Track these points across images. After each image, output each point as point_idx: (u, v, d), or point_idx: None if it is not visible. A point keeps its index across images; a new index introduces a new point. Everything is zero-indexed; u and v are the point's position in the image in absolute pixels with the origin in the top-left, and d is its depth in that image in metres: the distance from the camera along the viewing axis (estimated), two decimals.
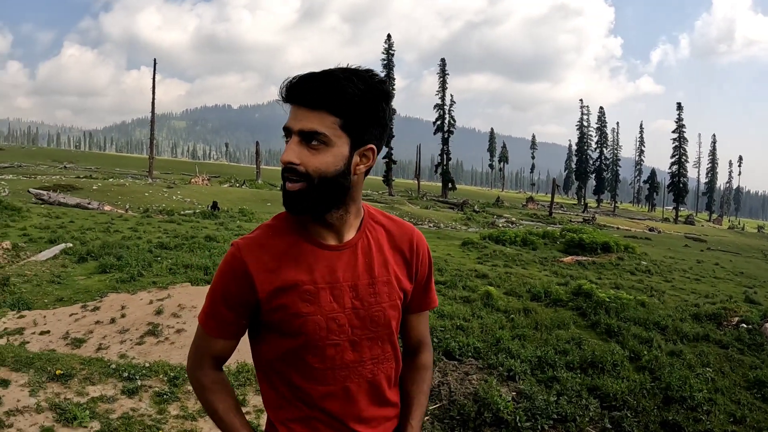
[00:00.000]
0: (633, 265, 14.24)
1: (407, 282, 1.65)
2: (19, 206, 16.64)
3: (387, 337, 1.60)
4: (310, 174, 1.41)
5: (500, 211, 46.47)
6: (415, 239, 1.68)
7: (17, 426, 4.09)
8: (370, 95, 1.41)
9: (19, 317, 6.75)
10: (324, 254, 1.53)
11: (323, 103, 1.38)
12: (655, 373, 6.00)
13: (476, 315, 7.82)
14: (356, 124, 1.42)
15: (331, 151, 1.41)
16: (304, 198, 1.43)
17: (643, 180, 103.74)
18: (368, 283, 1.56)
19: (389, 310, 1.59)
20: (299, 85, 1.40)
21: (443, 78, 67.32)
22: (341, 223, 1.53)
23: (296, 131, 1.41)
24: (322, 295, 1.50)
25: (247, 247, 1.52)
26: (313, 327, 1.50)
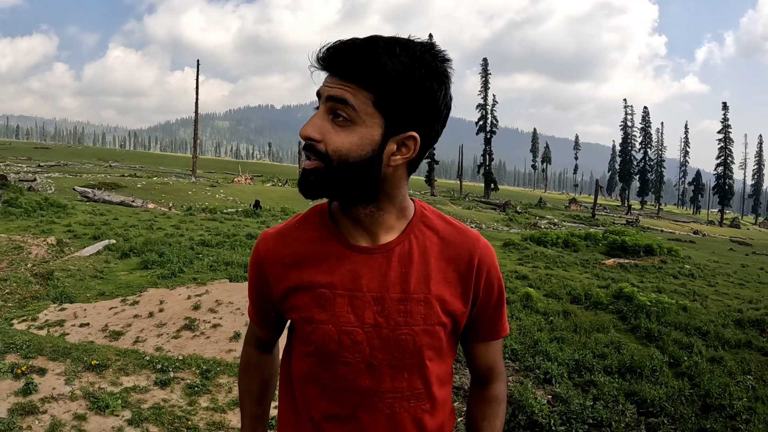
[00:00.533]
0: (676, 269, 13.91)
1: (459, 304, 1.32)
2: (65, 203, 17.15)
3: (416, 368, 1.30)
4: (329, 155, 1.18)
5: (542, 212, 46.01)
6: (479, 252, 1.34)
7: (51, 412, 4.18)
8: (417, 71, 1.16)
9: (61, 310, 6.91)
10: (350, 256, 1.29)
11: (355, 74, 1.16)
12: (695, 380, 5.82)
13: (515, 317, 7.75)
14: (394, 104, 1.17)
15: (358, 130, 1.18)
16: (318, 180, 1.20)
17: (687, 182, 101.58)
18: (399, 298, 1.27)
19: (422, 336, 1.28)
20: (334, 51, 1.17)
21: (485, 78, 66.87)
22: (371, 221, 1.28)
23: (324, 98, 1.19)
24: (338, 303, 1.28)
25: (269, 238, 1.38)
26: (323, 338, 1.28)
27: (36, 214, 14.85)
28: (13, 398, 4.29)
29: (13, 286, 7.83)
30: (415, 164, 1.27)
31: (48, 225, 13.56)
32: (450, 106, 1.25)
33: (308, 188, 1.22)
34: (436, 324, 1.28)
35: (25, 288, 7.89)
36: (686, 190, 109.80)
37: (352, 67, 1.15)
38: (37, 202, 16.29)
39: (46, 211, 15.53)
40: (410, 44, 1.17)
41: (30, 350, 5.07)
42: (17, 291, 7.73)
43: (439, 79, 1.19)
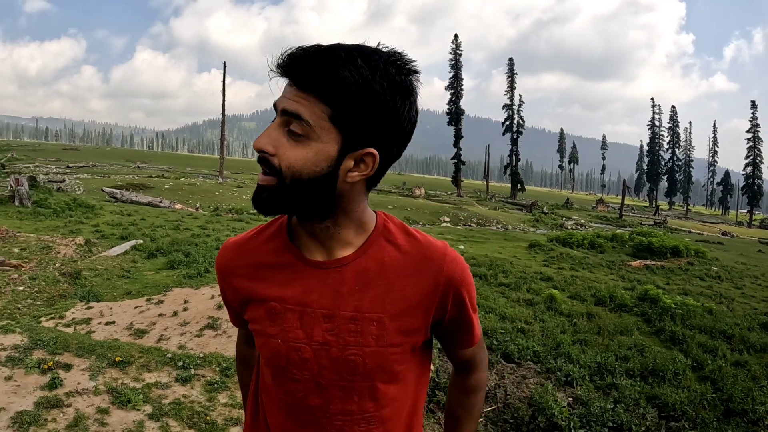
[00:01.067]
0: (703, 271, 13.70)
1: (419, 323, 1.25)
2: (93, 204, 17.44)
3: (368, 391, 1.24)
4: (282, 170, 1.11)
5: (569, 213, 45.65)
6: (446, 271, 1.24)
7: (75, 406, 4.32)
8: (378, 85, 1.09)
9: (87, 308, 7.05)
10: (303, 270, 1.24)
11: (312, 85, 1.09)
12: (718, 384, 5.74)
13: (538, 318, 7.72)
14: (352, 119, 1.10)
15: (313, 146, 1.11)
16: (271, 196, 1.14)
17: (716, 182, 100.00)
18: (351, 317, 1.21)
19: (373, 357, 1.21)
20: (292, 58, 1.10)
21: (511, 78, 66.57)
22: (327, 236, 1.23)
23: (280, 110, 1.12)
24: (288, 318, 1.23)
25: (229, 248, 1.36)
26: (273, 352, 1.25)
27: (65, 215, 15.13)
28: (40, 392, 4.42)
29: (42, 285, 8.00)
30: (375, 180, 1.21)
31: (76, 225, 13.81)
32: (415, 121, 1.18)
33: (262, 205, 1.16)
34: (388, 345, 1.22)
35: (54, 287, 8.06)
36: (715, 190, 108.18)
37: (309, 78, 1.08)
38: (66, 203, 16.59)
39: (75, 212, 15.81)
40: (374, 55, 1.10)
41: (56, 346, 5.20)
42: (46, 290, 7.90)
43: (403, 93, 1.12)
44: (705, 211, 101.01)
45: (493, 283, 9.95)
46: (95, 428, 4.04)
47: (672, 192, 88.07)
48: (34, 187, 18.78)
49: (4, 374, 4.66)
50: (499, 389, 5.31)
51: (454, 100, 60.72)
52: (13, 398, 4.31)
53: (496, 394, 5.23)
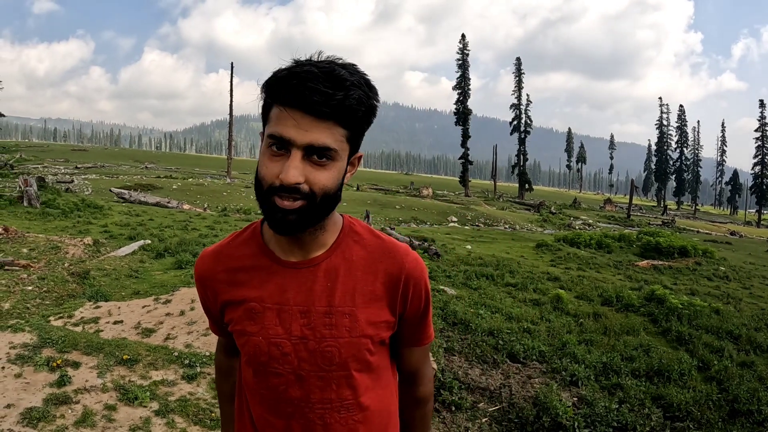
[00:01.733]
0: (711, 271, 13.66)
1: (386, 315, 1.35)
2: (101, 204, 17.54)
3: (344, 379, 1.33)
4: (315, 192, 1.20)
5: (577, 212, 45.49)
6: (407, 268, 1.36)
7: (83, 403, 4.39)
8: (375, 100, 1.23)
9: (96, 308, 7.09)
10: (278, 270, 1.34)
11: (336, 114, 1.17)
12: (723, 384, 5.72)
13: (545, 318, 7.72)
14: (359, 134, 1.26)
15: (336, 165, 1.22)
16: (300, 218, 1.21)
17: (724, 181, 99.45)
18: (325, 311, 1.31)
19: (347, 348, 1.31)
20: (306, 88, 1.15)
21: (519, 77, 66.43)
22: (311, 239, 1.33)
23: (302, 145, 1.17)
24: (267, 316, 1.32)
25: (206, 256, 1.44)
26: (254, 349, 1.33)
27: (73, 215, 15.21)
28: (48, 389, 4.49)
29: (51, 285, 8.06)
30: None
31: (85, 225, 13.88)
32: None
33: (290, 227, 1.22)
34: (361, 336, 1.31)
35: (62, 287, 8.11)
36: (723, 190, 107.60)
37: (334, 107, 1.16)
38: (75, 203, 16.68)
39: (83, 212, 15.89)
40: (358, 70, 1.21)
41: (65, 345, 5.27)
42: (54, 289, 7.95)
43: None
44: (713, 211, 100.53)
45: (500, 283, 9.96)
46: (103, 424, 4.09)
47: (680, 192, 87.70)
48: (42, 187, 18.90)
49: (14, 371, 4.73)
50: (504, 389, 5.32)
51: (462, 100, 60.61)
52: (22, 395, 4.37)
53: (501, 393, 5.24)
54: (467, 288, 9.31)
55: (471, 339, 6.37)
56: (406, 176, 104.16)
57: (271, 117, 1.21)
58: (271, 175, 1.19)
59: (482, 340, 6.34)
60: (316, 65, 1.17)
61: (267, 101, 1.24)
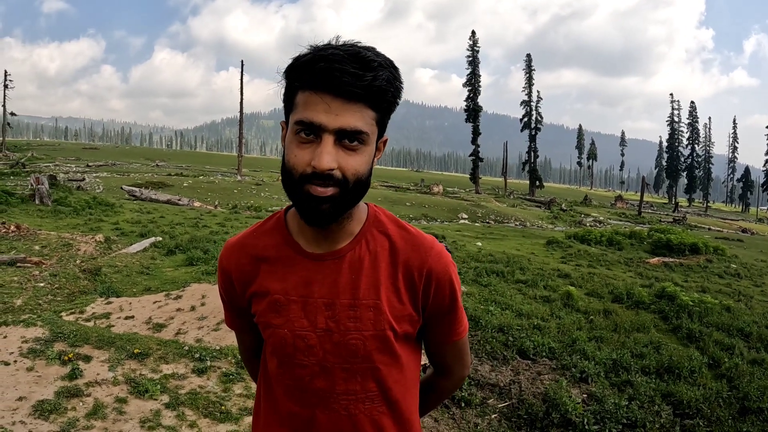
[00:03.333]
0: (722, 268, 13.55)
1: (409, 309, 1.33)
2: (113, 202, 17.66)
3: (369, 372, 1.32)
4: (347, 178, 1.17)
5: (588, 209, 45.29)
6: (431, 261, 1.32)
7: (94, 396, 4.45)
8: (401, 82, 1.20)
9: (107, 303, 7.15)
10: (302, 262, 1.32)
11: (366, 96, 1.14)
12: (734, 382, 5.68)
13: (555, 315, 7.69)
14: (387, 116, 1.23)
15: (367, 150, 1.19)
16: (334, 206, 1.19)
17: (736, 178, 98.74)
18: (349, 304, 1.29)
19: (371, 341, 1.29)
20: (335, 69, 1.11)
21: (529, 74, 66.14)
22: (338, 229, 1.30)
23: (333, 129, 1.13)
24: (291, 308, 1.31)
25: (231, 247, 1.41)
26: (280, 341, 1.32)
27: (85, 213, 15.32)
28: (60, 382, 4.55)
29: (63, 282, 8.12)
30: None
31: (96, 223, 13.98)
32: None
33: (324, 217, 1.20)
34: (385, 329, 1.29)
35: (74, 283, 8.17)
36: (735, 187, 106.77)
37: (364, 88, 1.13)
38: (86, 201, 16.80)
39: (95, 210, 16.00)
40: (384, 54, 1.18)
41: (77, 339, 5.32)
42: (66, 286, 8.01)
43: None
44: (725, 208, 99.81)
45: (510, 279, 9.94)
46: (113, 416, 4.14)
47: (691, 189, 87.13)
48: (54, 185, 19.05)
49: (26, 365, 4.78)
50: (514, 385, 5.31)
51: (472, 97, 60.45)
52: (34, 388, 4.43)
53: (511, 390, 5.23)
54: (477, 285, 9.30)
55: (481, 335, 6.37)
56: (417, 173, 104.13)
57: (297, 103, 1.18)
58: (302, 163, 1.16)
59: (492, 336, 6.34)
60: (340, 48, 1.14)
61: (291, 87, 1.20)
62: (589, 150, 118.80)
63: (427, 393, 1.55)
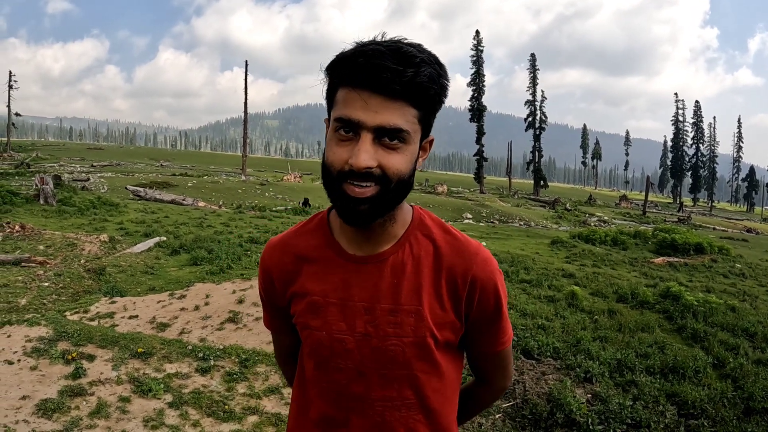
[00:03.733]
0: (727, 268, 13.48)
1: (451, 317, 1.28)
2: (117, 202, 17.69)
3: (407, 379, 1.28)
4: (388, 177, 1.13)
5: (592, 209, 45.22)
6: (476, 268, 1.27)
7: (98, 394, 4.46)
8: (446, 79, 1.16)
9: (111, 303, 7.17)
10: (343, 265, 1.29)
11: (407, 93, 1.11)
12: (738, 382, 5.64)
13: (559, 315, 7.67)
14: (432, 115, 1.20)
15: (409, 148, 1.16)
16: (373, 207, 1.16)
17: (741, 178, 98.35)
18: (390, 309, 1.25)
19: (411, 348, 1.25)
20: (374, 65, 1.08)
21: (533, 73, 66.03)
22: (381, 231, 1.27)
23: (372, 127, 1.11)
24: (330, 311, 1.28)
25: (273, 247, 1.40)
26: (317, 344, 1.30)
27: (89, 213, 15.36)
28: (63, 381, 4.57)
29: (67, 281, 8.14)
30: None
31: (101, 223, 14.02)
32: None
33: (362, 218, 1.17)
34: (426, 336, 1.25)
35: (78, 283, 8.19)
36: (739, 186, 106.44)
37: (406, 85, 1.10)
38: (91, 201, 16.83)
39: (99, 210, 16.04)
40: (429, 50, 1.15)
41: (80, 338, 5.34)
42: (70, 285, 8.03)
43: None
44: (729, 208, 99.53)
45: (514, 279, 9.91)
46: (117, 415, 4.14)
47: (696, 188, 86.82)
48: (58, 185, 19.08)
49: (30, 364, 4.79)
50: (518, 385, 5.30)
51: (476, 97, 60.40)
52: (38, 387, 4.44)
53: (515, 389, 5.22)
54: None
55: None
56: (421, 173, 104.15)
57: (337, 100, 1.16)
58: (339, 161, 1.13)
59: None
60: (382, 44, 1.12)
61: (332, 84, 1.18)
62: (593, 149, 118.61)
63: (466, 401, 1.52)
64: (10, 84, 60.26)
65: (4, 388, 4.39)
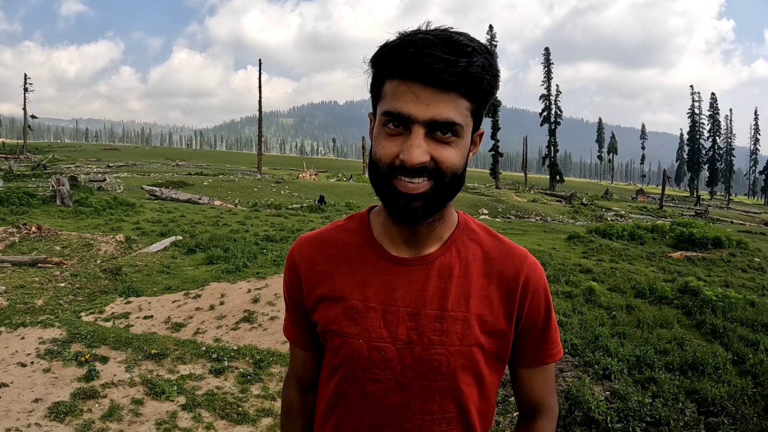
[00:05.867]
0: (745, 262, 13.31)
1: (501, 325, 1.21)
2: (133, 202, 17.82)
3: (450, 391, 1.19)
4: (443, 171, 1.07)
5: (609, 203, 44.93)
6: (526, 270, 1.22)
7: (110, 397, 4.46)
8: (497, 69, 1.10)
9: (126, 303, 7.19)
10: (386, 267, 1.21)
11: (459, 84, 1.04)
12: (759, 379, 5.53)
13: (577, 311, 7.60)
14: (483, 107, 1.13)
15: (462, 143, 1.09)
16: (427, 203, 1.10)
17: (758, 170, 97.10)
18: (436, 315, 1.17)
19: (457, 357, 1.17)
20: (425, 55, 1.02)
21: (548, 68, 65.62)
22: (427, 231, 1.20)
23: (424, 121, 1.05)
24: (370, 316, 1.19)
25: (305, 241, 1.30)
26: (353, 353, 1.20)
27: (105, 213, 15.48)
28: (76, 383, 4.57)
29: (83, 281, 8.18)
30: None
31: (117, 223, 14.12)
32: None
33: (416, 215, 1.11)
34: (473, 345, 1.18)
35: (94, 283, 8.22)
36: (757, 179, 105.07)
37: (459, 75, 1.03)
38: (107, 201, 16.98)
39: (116, 210, 16.16)
40: (477, 39, 1.08)
41: (94, 340, 5.34)
42: (86, 286, 8.07)
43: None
44: (747, 201, 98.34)
45: None
46: (129, 418, 4.13)
47: (713, 181, 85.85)
48: (75, 186, 19.26)
49: (43, 366, 4.80)
50: None
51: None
52: (50, 389, 4.44)
53: None
54: None
55: None
56: None
57: (385, 92, 1.09)
58: (389, 155, 1.07)
59: None
60: (430, 32, 1.05)
61: (378, 76, 1.11)
62: (609, 143, 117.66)
63: None
64: (25, 87, 60.87)
65: (16, 391, 4.40)
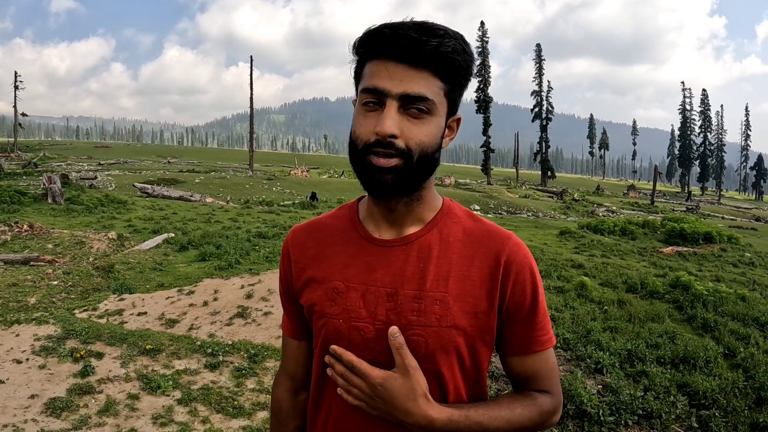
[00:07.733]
0: (736, 257, 13.42)
1: (482, 306, 1.18)
2: (125, 199, 17.76)
3: (431, 374, 1.17)
4: (411, 149, 1.10)
5: (600, 199, 45.05)
6: (508, 250, 1.20)
7: (106, 392, 4.47)
8: (472, 56, 1.14)
9: (120, 300, 7.18)
10: (368, 248, 1.23)
11: (431, 62, 1.09)
12: (749, 372, 5.60)
13: (569, 305, 7.65)
14: (457, 90, 1.16)
15: (433, 121, 1.12)
16: (398, 178, 1.11)
17: (749, 166, 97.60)
18: (414, 295, 1.17)
19: (435, 338, 1.15)
20: (400, 35, 1.08)
21: (539, 64, 65.70)
22: (407, 212, 1.21)
23: (396, 95, 1.09)
24: (350, 296, 1.20)
25: (299, 230, 1.35)
26: (333, 333, 1.21)
27: (97, 211, 15.43)
28: (72, 379, 4.58)
29: (76, 279, 8.17)
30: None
31: (109, 221, 14.07)
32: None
33: (386, 189, 1.13)
34: (451, 326, 1.16)
35: (87, 280, 8.22)
36: (748, 175, 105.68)
37: (430, 54, 1.08)
38: (98, 199, 16.92)
39: (107, 208, 16.11)
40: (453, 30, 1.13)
41: (89, 336, 5.35)
42: (79, 283, 8.06)
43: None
44: (738, 197, 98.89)
45: None
46: (126, 413, 4.15)
47: (704, 177, 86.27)
48: (66, 184, 19.17)
49: (38, 363, 4.80)
50: None
51: (482, 88, 60.18)
52: (46, 385, 4.45)
53: None
54: None
55: None
56: None
57: (364, 74, 1.14)
58: (366, 132, 1.11)
59: None
60: (409, 21, 1.11)
61: (359, 61, 1.17)
62: (600, 139, 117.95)
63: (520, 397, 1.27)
64: (15, 85, 60.46)
65: (12, 387, 4.41)
